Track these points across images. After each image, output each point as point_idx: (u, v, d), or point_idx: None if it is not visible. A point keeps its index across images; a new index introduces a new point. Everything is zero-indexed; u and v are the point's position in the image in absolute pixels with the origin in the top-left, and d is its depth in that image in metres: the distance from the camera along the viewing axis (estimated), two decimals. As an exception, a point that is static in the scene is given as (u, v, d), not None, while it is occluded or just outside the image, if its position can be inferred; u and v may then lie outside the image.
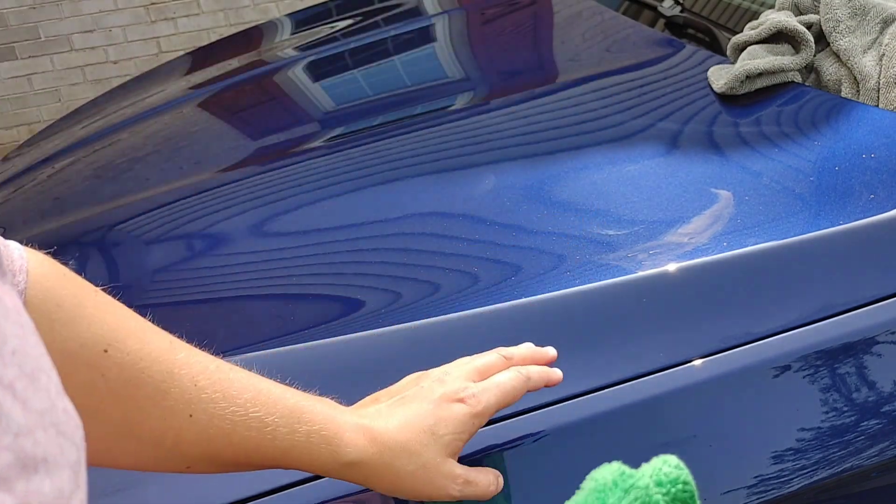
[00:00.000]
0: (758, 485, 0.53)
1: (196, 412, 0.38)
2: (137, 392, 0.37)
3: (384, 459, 0.42)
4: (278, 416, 0.40)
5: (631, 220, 0.70)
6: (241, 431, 0.39)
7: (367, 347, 0.59)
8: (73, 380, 0.35)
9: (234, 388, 0.40)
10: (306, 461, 0.41)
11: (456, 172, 0.86)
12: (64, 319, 0.36)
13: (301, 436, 0.40)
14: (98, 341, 0.36)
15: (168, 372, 0.38)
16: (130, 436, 0.38)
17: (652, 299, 0.59)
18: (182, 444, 0.38)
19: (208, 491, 0.51)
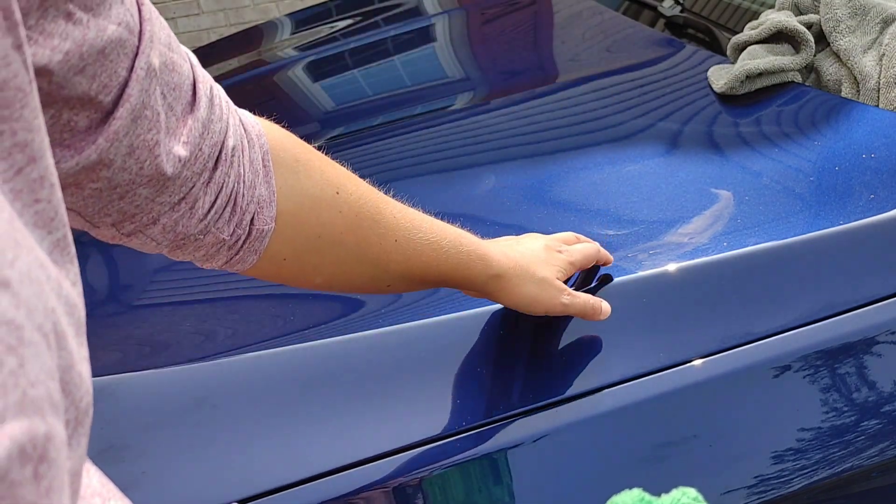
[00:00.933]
0: (758, 485, 0.53)
1: (398, 238, 0.48)
2: (363, 223, 0.47)
3: (517, 273, 0.54)
4: (448, 241, 0.51)
5: (631, 220, 0.70)
6: (426, 252, 0.50)
7: (367, 347, 0.59)
8: (321, 218, 0.44)
9: (417, 220, 0.50)
10: (465, 275, 0.52)
11: (456, 172, 0.86)
12: (302, 171, 0.44)
13: (463, 255, 0.51)
14: (330, 185, 0.45)
15: (377, 208, 0.48)
16: (360, 259, 0.48)
17: (652, 299, 0.59)
18: (391, 264, 0.49)
19: (208, 491, 0.51)
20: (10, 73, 0.21)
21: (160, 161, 0.34)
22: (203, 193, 0.38)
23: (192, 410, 0.56)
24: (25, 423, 0.18)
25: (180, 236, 0.39)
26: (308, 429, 0.54)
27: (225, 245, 0.41)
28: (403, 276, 0.50)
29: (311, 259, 0.46)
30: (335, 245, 0.46)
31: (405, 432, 0.53)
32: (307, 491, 0.51)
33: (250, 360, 0.60)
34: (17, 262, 0.19)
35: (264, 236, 0.42)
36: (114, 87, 0.30)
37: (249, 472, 0.52)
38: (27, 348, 0.19)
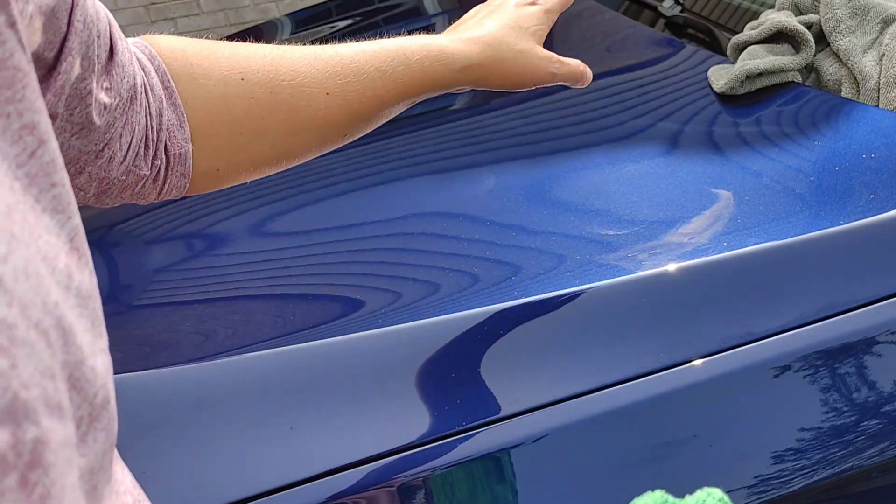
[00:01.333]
0: (758, 485, 0.53)
1: (329, 89, 0.45)
2: (281, 95, 0.43)
3: (487, 54, 0.49)
4: (390, 61, 0.46)
5: (631, 220, 0.70)
6: (369, 86, 0.46)
7: (367, 347, 0.59)
8: (236, 113, 0.42)
9: (345, 58, 0.46)
10: (428, 83, 0.48)
11: (456, 172, 0.86)
12: (201, 74, 0.41)
13: (416, 66, 0.47)
14: (233, 75, 0.42)
15: (292, 71, 0.44)
16: (297, 131, 0.44)
17: (652, 299, 0.59)
18: (332, 118, 0.45)
19: (208, 491, 0.51)
20: (7, 52, 0.20)
21: (90, 110, 0.34)
22: (120, 137, 0.37)
23: (192, 410, 0.56)
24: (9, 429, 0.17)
25: (104, 182, 0.38)
26: (308, 429, 0.54)
27: (148, 179, 0.40)
28: (354, 119, 0.47)
29: (244, 157, 0.44)
30: (262, 133, 0.43)
31: (405, 432, 0.53)
32: (307, 491, 0.51)
33: (250, 360, 0.60)
34: (11, 258, 0.19)
35: (185, 158, 0.41)
36: (56, 43, 0.30)
37: (249, 472, 0.52)
38: (20, 348, 0.18)
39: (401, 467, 0.52)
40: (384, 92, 0.46)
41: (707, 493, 0.38)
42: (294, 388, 0.57)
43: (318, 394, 0.56)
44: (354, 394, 0.56)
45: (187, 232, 0.84)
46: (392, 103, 0.48)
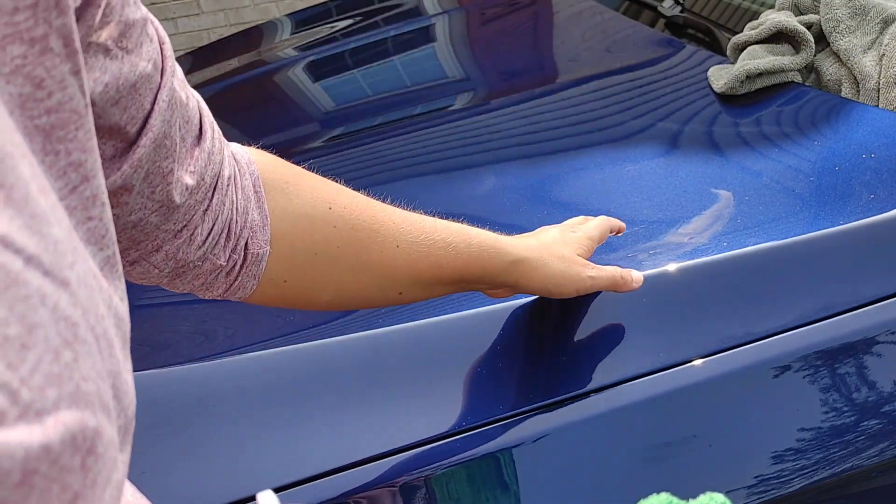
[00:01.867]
0: (758, 485, 0.53)
1: (400, 243, 0.48)
2: (359, 234, 0.47)
3: (537, 255, 0.54)
4: (456, 237, 0.50)
5: (631, 220, 0.70)
6: (434, 252, 0.49)
7: (367, 347, 0.59)
8: (316, 235, 0.45)
9: (419, 222, 0.50)
10: (482, 267, 0.52)
11: (456, 172, 0.86)
12: (293, 192, 0.45)
13: (475, 248, 0.51)
14: (322, 202, 0.46)
15: (373, 216, 0.48)
16: (362, 270, 0.48)
17: (652, 299, 0.59)
18: (396, 270, 0.49)
19: (208, 491, 0.51)
20: (67, 97, 0.23)
21: (171, 188, 0.36)
22: (202, 221, 0.39)
23: (192, 410, 0.56)
24: (77, 414, 0.19)
25: (180, 263, 0.40)
26: (308, 429, 0.54)
27: (222, 271, 0.42)
28: (413, 280, 0.50)
29: (312, 277, 0.46)
30: (334, 260, 0.46)
31: (405, 432, 0.53)
32: (307, 491, 0.51)
33: (250, 360, 0.60)
34: (76, 266, 0.21)
35: (261, 260, 0.43)
36: (139, 119, 0.32)
37: (249, 472, 0.52)
38: (81, 345, 0.20)
39: (401, 467, 0.52)
40: (444, 262, 0.50)
41: (710, 497, 0.38)
42: (294, 388, 0.57)
43: (318, 394, 0.56)
44: (354, 394, 0.56)
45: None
46: (446, 278, 0.51)
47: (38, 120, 0.22)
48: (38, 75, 0.22)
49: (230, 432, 0.54)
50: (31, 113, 0.22)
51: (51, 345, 0.19)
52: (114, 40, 0.30)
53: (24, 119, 0.22)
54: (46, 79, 0.22)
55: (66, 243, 0.21)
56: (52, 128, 0.23)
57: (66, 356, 0.19)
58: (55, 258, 0.20)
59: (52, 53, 0.22)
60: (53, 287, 0.19)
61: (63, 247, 0.20)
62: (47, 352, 0.18)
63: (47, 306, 0.19)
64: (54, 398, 0.18)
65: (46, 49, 0.22)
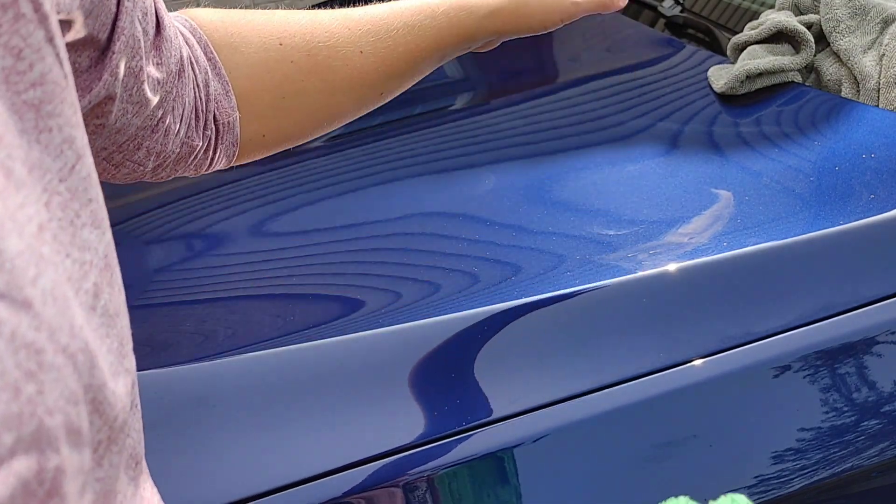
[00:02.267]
0: (758, 485, 0.53)
1: (363, 48, 0.46)
2: (318, 57, 0.45)
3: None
4: (417, 15, 0.47)
5: (631, 220, 0.70)
6: (400, 41, 0.47)
7: (367, 347, 0.59)
8: (277, 77, 0.43)
9: (374, 16, 0.47)
10: (455, 35, 0.49)
11: (456, 172, 0.86)
12: (241, 43, 0.43)
13: (441, 18, 0.48)
14: (272, 40, 0.44)
15: (326, 32, 0.45)
16: (335, 91, 0.46)
17: (652, 299, 0.59)
18: (368, 76, 0.47)
19: (208, 491, 0.51)
20: (46, 67, 0.21)
21: (144, 86, 0.35)
22: (172, 109, 0.38)
23: (192, 410, 0.56)
24: (34, 457, 0.17)
25: (161, 156, 0.39)
26: (308, 429, 0.54)
27: (200, 150, 0.42)
28: (388, 76, 0.48)
29: (289, 119, 0.45)
30: (303, 94, 0.45)
31: (405, 432, 0.53)
32: (307, 491, 0.51)
33: (250, 360, 0.60)
34: (41, 280, 0.19)
35: (233, 126, 0.42)
36: (108, 24, 0.31)
37: (249, 472, 0.52)
38: (47, 373, 0.18)
39: (401, 467, 0.52)
40: (414, 47, 0.47)
41: (731, 499, 0.38)
42: (294, 388, 0.57)
43: (318, 394, 0.56)
44: (354, 394, 0.56)
45: (187, 232, 0.84)
46: (423, 58, 0.48)
47: (24, 94, 0.20)
48: (16, 45, 0.20)
49: (230, 432, 0.54)
50: (17, 87, 0.20)
51: (8, 380, 0.16)
52: None
53: (11, 94, 0.20)
54: (24, 48, 0.20)
55: (26, 254, 0.18)
56: (41, 102, 0.21)
57: (28, 390, 0.17)
58: (11, 278, 0.17)
59: (25, 19, 0.21)
60: (10, 312, 0.17)
61: (22, 260, 0.18)
62: (4, 389, 0.16)
63: (3, 336, 0.17)
64: (10, 444, 0.16)
65: (19, 15, 0.20)
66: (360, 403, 0.55)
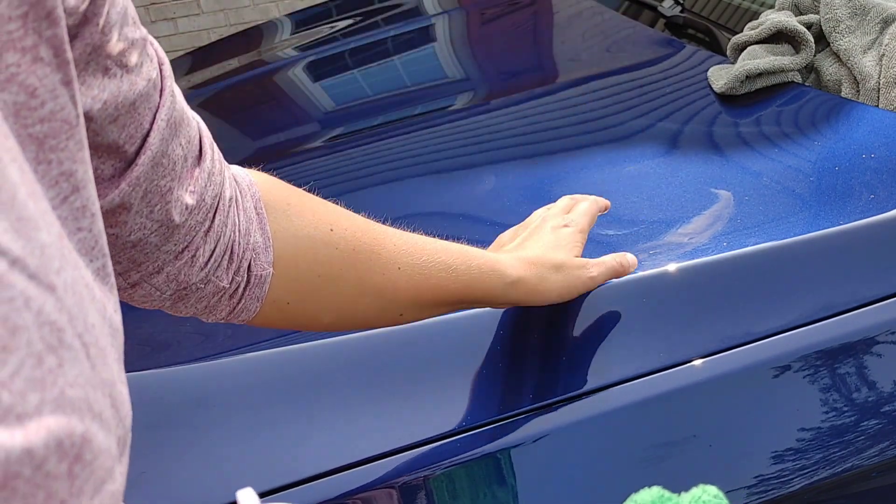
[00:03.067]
0: (758, 485, 0.53)
1: (402, 265, 0.48)
2: (361, 256, 0.47)
3: (534, 271, 0.54)
4: (456, 259, 0.50)
5: (631, 220, 0.70)
6: (434, 274, 0.49)
7: (367, 347, 0.59)
8: (318, 257, 0.45)
9: (420, 244, 0.50)
10: (482, 289, 0.52)
11: (456, 172, 0.86)
12: (294, 213, 0.45)
13: (475, 270, 0.51)
14: (323, 223, 0.46)
15: (374, 239, 0.48)
16: (364, 292, 0.48)
17: (652, 299, 0.59)
18: (397, 293, 0.49)
19: (208, 491, 0.51)
20: (58, 106, 0.23)
21: (170, 208, 0.36)
22: (203, 242, 0.39)
23: (192, 410, 0.56)
24: (63, 419, 0.19)
25: (182, 286, 0.39)
26: (308, 429, 0.54)
27: (226, 294, 0.42)
28: (413, 302, 0.50)
29: (315, 299, 0.46)
30: (336, 282, 0.46)
31: (405, 432, 0.53)
32: (307, 491, 0.51)
33: (250, 360, 0.60)
34: (63, 273, 0.21)
35: (264, 282, 0.43)
36: (138, 138, 0.33)
37: (249, 472, 0.52)
38: (67, 351, 0.20)
39: (401, 467, 0.52)
40: (445, 284, 0.50)
41: (703, 489, 0.38)
42: (294, 388, 0.57)
43: (318, 394, 0.56)
44: (355, 394, 0.56)
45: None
46: (446, 300, 0.51)
47: (31, 128, 0.22)
48: (31, 84, 0.22)
49: (230, 432, 0.54)
50: (25, 121, 0.22)
51: (33, 349, 0.18)
52: (112, 59, 0.30)
53: (19, 127, 0.22)
54: (39, 88, 0.23)
55: (53, 248, 0.21)
56: (45, 137, 0.23)
57: (49, 361, 0.19)
58: (42, 262, 0.20)
59: (43, 63, 0.23)
60: (39, 291, 0.19)
61: (50, 251, 0.20)
62: (29, 356, 0.18)
63: (31, 310, 0.19)
64: (36, 402, 0.18)
65: (37, 58, 0.23)
66: (359, 403, 0.55)
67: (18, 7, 0.22)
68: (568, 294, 0.56)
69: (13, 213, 0.19)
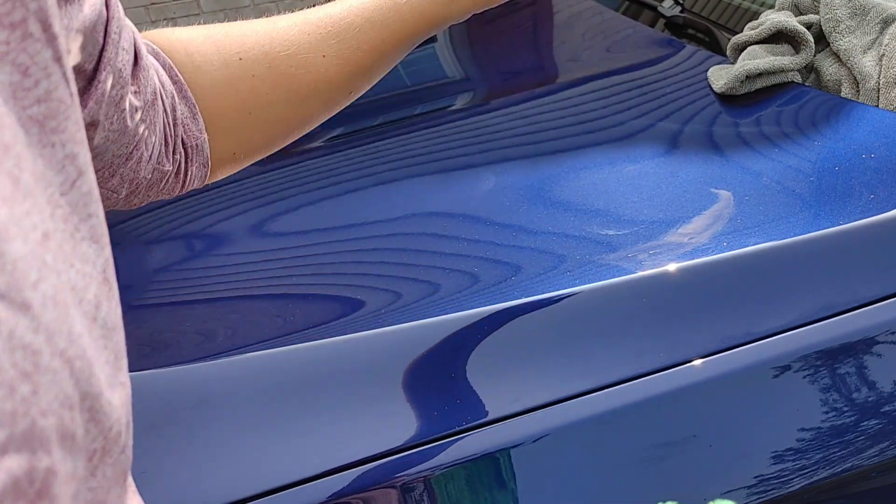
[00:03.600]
0: (758, 485, 0.53)
1: (324, 50, 0.45)
2: (280, 67, 0.43)
3: None
4: (380, 11, 0.45)
5: (631, 220, 0.70)
6: (363, 38, 0.45)
7: (366, 347, 0.59)
8: (240, 92, 0.42)
9: (333, 19, 0.45)
10: (422, 23, 0.46)
11: (456, 172, 0.86)
12: (201, 60, 0.42)
13: (406, 8, 0.46)
14: (230, 57, 0.43)
15: (285, 41, 0.44)
16: (303, 99, 0.45)
17: (652, 299, 0.59)
18: (333, 79, 0.45)
19: (208, 491, 0.51)
20: (52, 85, 0.22)
21: (124, 114, 0.35)
22: (146, 137, 0.38)
23: (192, 410, 0.56)
24: (26, 456, 0.17)
25: (133, 183, 0.39)
26: (308, 429, 0.54)
27: (171, 175, 0.41)
28: (356, 75, 0.46)
29: (258, 135, 0.44)
30: (269, 107, 0.44)
31: (405, 432, 0.53)
32: (307, 491, 0.51)
33: (250, 360, 0.60)
34: (42, 285, 0.19)
35: (202, 148, 0.42)
36: (95, 54, 0.32)
37: (249, 472, 0.52)
38: (43, 375, 0.18)
39: (401, 467, 0.52)
40: (380, 42, 0.46)
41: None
42: (294, 388, 0.57)
43: (318, 394, 0.56)
44: (354, 394, 0.56)
45: (187, 232, 0.84)
46: (390, 51, 0.47)
47: (30, 110, 0.21)
48: (23, 62, 0.21)
49: (230, 432, 0.54)
50: (23, 102, 0.21)
51: (4, 378, 0.17)
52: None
53: (18, 109, 0.21)
54: (31, 66, 0.21)
55: (29, 259, 0.19)
56: (45, 118, 0.22)
57: (22, 390, 0.17)
58: (12, 279, 0.18)
59: (33, 38, 0.22)
60: (8, 312, 0.18)
61: (24, 265, 0.19)
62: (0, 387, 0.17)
63: (1, 335, 0.17)
64: (2, 441, 0.17)
65: (27, 34, 0.21)
66: (359, 403, 0.55)
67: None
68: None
69: None
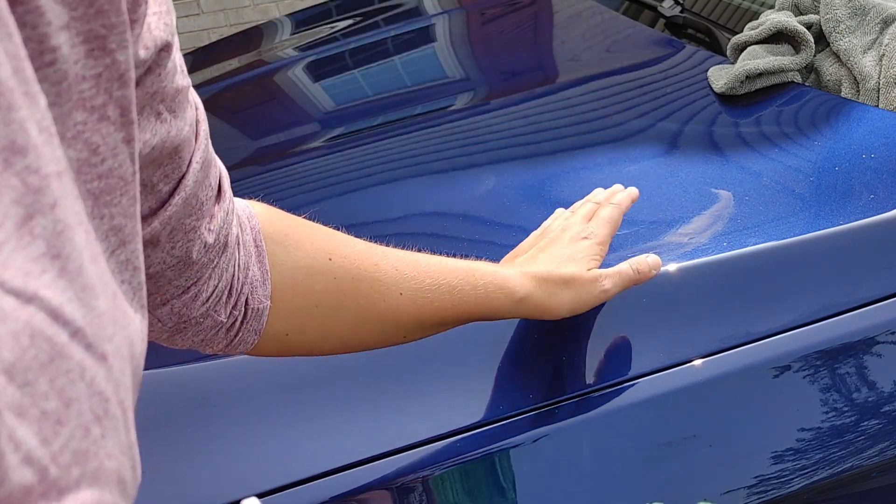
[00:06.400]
0: (758, 485, 0.53)
1: (404, 290, 0.47)
2: (361, 284, 0.46)
3: (543, 287, 0.52)
4: (461, 280, 0.49)
5: (631, 220, 0.70)
6: (438, 297, 0.49)
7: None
8: (317, 287, 0.44)
9: (422, 266, 0.49)
10: (489, 307, 0.51)
11: (456, 172, 0.86)
12: (292, 244, 0.44)
13: (481, 290, 0.50)
14: (321, 253, 0.45)
15: (375, 265, 0.47)
16: (365, 320, 0.47)
17: (652, 299, 0.59)
18: (400, 318, 0.48)
19: (209, 491, 0.51)
20: (117, 164, 0.24)
21: (191, 245, 0.36)
22: (209, 278, 0.39)
23: (192, 410, 0.56)
24: (96, 493, 0.19)
25: (183, 319, 0.39)
26: (308, 429, 0.54)
27: (223, 327, 0.42)
28: (418, 325, 0.49)
29: (314, 329, 0.46)
30: (336, 311, 0.46)
31: (404, 432, 0.53)
32: (307, 491, 0.51)
33: (250, 360, 0.60)
34: (115, 339, 0.21)
35: (261, 315, 0.43)
36: (174, 179, 0.33)
37: (249, 471, 0.52)
38: (110, 421, 0.20)
39: (401, 467, 0.52)
40: (450, 306, 0.49)
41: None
42: (294, 388, 0.57)
43: (317, 394, 0.56)
44: (354, 394, 0.56)
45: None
46: (452, 319, 0.50)
47: (90, 184, 0.23)
48: (95, 141, 0.23)
49: (230, 432, 0.54)
50: (85, 177, 0.23)
51: (83, 420, 0.19)
52: (165, 104, 0.30)
53: (79, 183, 0.22)
54: (101, 145, 0.23)
55: (108, 315, 0.21)
56: (101, 192, 0.23)
57: (94, 432, 0.19)
58: (98, 331, 0.20)
59: (109, 122, 0.23)
60: (93, 361, 0.19)
61: (105, 319, 0.20)
62: (79, 427, 0.18)
63: (85, 381, 0.19)
64: (77, 476, 0.18)
65: (104, 117, 0.23)
66: (359, 404, 0.55)
67: (93, 67, 0.22)
68: (578, 309, 0.54)
69: (78, 282, 0.19)
